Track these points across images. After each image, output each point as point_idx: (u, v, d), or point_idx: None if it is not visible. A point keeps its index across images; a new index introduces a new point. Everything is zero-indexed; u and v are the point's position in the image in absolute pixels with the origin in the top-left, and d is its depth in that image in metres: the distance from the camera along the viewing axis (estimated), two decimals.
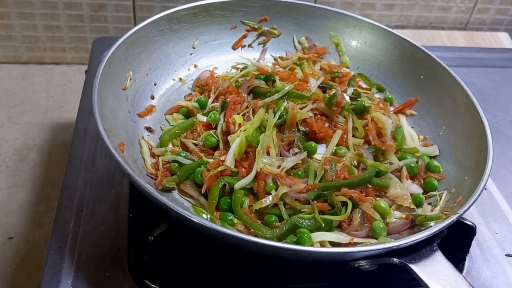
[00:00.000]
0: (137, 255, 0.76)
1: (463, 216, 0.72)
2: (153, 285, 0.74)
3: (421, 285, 0.66)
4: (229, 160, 0.80)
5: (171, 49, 1.01)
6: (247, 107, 0.89)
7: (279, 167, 0.80)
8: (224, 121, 0.88)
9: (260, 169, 0.78)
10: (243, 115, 0.88)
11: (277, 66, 1.05)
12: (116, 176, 0.89)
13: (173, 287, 0.76)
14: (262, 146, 0.80)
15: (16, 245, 1.11)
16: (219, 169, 0.78)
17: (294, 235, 0.74)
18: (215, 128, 0.88)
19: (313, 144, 0.86)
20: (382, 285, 0.78)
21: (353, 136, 0.90)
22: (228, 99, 0.90)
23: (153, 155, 0.86)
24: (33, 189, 1.22)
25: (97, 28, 1.50)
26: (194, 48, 1.04)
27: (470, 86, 0.93)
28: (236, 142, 0.81)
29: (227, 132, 0.85)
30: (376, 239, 0.75)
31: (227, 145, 0.84)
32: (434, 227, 0.68)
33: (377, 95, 1.03)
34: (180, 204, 0.80)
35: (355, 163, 0.86)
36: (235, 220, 0.75)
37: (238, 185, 0.77)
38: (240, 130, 0.83)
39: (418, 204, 0.83)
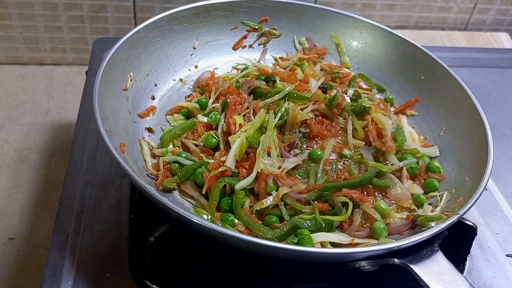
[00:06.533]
0: (137, 255, 0.76)
1: (464, 216, 0.72)
2: (153, 286, 0.74)
3: (422, 286, 0.66)
4: (230, 161, 0.80)
5: (171, 50, 1.01)
6: (247, 108, 0.89)
7: (279, 167, 0.80)
8: (224, 121, 0.88)
9: (261, 169, 0.78)
10: (244, 115, 0.88)
11: (277, 67, 1.05)
12: (117, 177, 0.89)
13: None
14: (263, 147, 0.80)
15: (17, 246, 1.11)
16: (220, 169, 0.78)
17: (295, 235, 0.74)
18: (216, 128, 0.88)
19: (318, 152, 0.85)
20: (382, 285, 0.78)
21: (353, 137, 0.90)
22: (228, 100, 0.90)
23: (153, 156, 0.86)
24: (34, 190, 1.22)
25: (98, 29, 1.50)
26: (194, 48, 1.05)
27: (471, 86, 0.93)
28: (237, 142, 0.81)
29: (227, 133, 0.85)
30: (377, 239, 0.75)
31: (227, 146, 0.84)
32: (435, 228, 0.68)
33: (378, 96, 1.03)
34: (181, 204, 0.80)
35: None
36: (236, 221, 0.75)
37: (238, 185, 0.77)
38: (241, 131, 0.83)
39: (419, 205, 0.83)
